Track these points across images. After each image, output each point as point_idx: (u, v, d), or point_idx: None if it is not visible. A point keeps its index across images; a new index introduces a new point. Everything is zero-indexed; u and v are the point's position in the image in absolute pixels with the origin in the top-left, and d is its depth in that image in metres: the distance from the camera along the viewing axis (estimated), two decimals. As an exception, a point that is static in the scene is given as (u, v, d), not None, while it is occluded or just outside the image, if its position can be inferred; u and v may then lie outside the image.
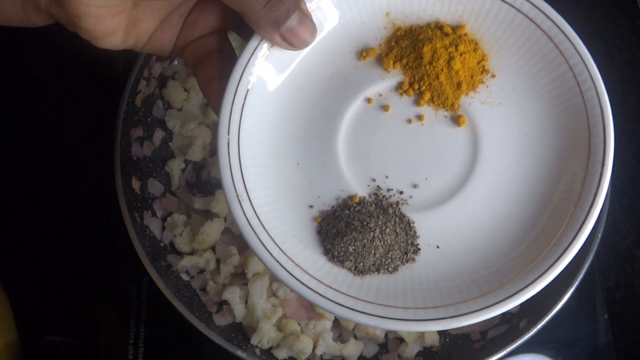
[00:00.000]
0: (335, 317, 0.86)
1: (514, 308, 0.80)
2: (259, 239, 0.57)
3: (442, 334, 0.87)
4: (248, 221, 0.58)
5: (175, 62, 0.94)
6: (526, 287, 0.56)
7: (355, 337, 0.87)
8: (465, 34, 0.64)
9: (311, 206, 0.61)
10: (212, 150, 0.93)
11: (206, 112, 0.94)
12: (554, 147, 0.61)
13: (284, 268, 0.57)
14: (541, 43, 0.63)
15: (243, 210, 0.58)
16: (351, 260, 0.58)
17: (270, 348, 0.85)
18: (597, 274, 0.92)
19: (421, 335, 0.86)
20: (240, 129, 0.59)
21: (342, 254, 0.58)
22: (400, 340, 0.87)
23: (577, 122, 0.61)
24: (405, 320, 0.56)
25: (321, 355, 0.86)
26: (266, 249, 0.57)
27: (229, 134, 0.59)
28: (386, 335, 0.87)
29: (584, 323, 0.91)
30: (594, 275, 0.91)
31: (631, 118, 0.88)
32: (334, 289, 0.57)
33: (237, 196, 0.58)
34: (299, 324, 0.86)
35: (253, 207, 0.58)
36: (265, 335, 0.84)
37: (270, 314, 0.85)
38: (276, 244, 0.58)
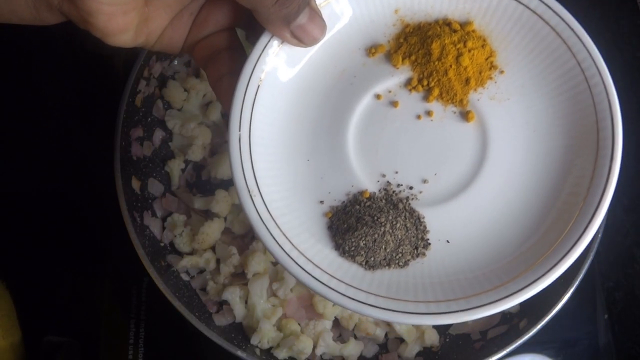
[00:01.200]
0: (335, 317, 0.86)
1: (513, 307, 0.81)
2: (270, 234, 0.58)
3: (442, 334, 0.87)
4: (260, 216, 0.58)
5: (175, 62, 0.94)
6: (537, 280, 0.56)
7: (355, 337, 0.87)
8: (474, 31, 0.64)
9: (322, 202, 0.61)
10: (212, 150, 0.93)
11: (206, 112, 0.94)
12: (562, 141, 0.62)
13: (296, 263, 0.57)
14: (549, 39, 0.63)
15: (255, 205, 0.58)
16: (362, 255, 0.58)
17: (270, 348, 0.85)
18: (597, 274, 0.92)
19: (421, 335, 0.86)
20: (252, 125, 0.60)
21: (353, 248, 0.58)
22: (400, 340, 0.87)
23: (585, 116, 0.61)
24: (417, 313, 0.56)
25: (321, 355, 0.86)
26: (278, 243, 0.57)
27: (240, 130, 0.59)
28: (386, 335, 0.87)
29: (584, 323, 0.91)
30: (594, 275, 0.91)
31: (631, 118, 0.89)
32: (346, 283, 0.57)
33: (249, 191, 0.58)
34: (299, 324, 0.86)
35: (264, 203, 0.58)
36: (265, 335, 0.84)
37: (270, 314, 0.85)
38: (288, 239, 0.58)
